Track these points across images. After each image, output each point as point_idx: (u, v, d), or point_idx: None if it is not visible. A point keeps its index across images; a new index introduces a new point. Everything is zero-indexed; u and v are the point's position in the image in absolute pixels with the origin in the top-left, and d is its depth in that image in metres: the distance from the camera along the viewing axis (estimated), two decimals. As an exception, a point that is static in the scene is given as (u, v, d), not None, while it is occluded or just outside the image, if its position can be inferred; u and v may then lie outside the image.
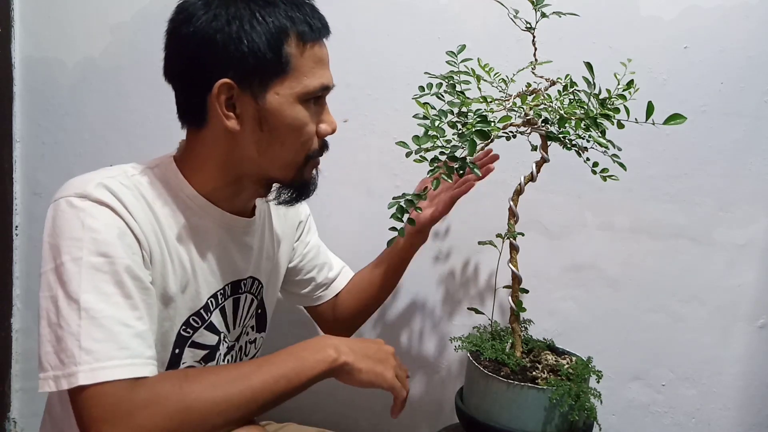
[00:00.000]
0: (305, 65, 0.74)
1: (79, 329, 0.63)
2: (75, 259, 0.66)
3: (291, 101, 0.74)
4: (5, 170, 1.29)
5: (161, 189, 0.77)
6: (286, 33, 0.72)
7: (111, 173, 0.74)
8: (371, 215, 1.21)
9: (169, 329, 0.78)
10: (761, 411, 1.16)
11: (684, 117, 0.75)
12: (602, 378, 0.88)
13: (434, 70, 0.90)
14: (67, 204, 0.69)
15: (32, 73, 1.28)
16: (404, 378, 0.85)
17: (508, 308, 0.93)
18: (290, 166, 0.79)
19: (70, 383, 0.63)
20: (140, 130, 1.25)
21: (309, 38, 0.74)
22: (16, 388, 1.35)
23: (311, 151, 0.79)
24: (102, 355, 0.63)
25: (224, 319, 0.86)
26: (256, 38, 0.71)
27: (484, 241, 1.03)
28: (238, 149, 0.77)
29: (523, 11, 0.87)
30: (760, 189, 1.10)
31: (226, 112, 0.73)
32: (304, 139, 0.77)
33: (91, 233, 0.67)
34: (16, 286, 1.33)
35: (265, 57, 0.71)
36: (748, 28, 1.07)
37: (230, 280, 0.86)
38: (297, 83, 0.74)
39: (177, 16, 0.74)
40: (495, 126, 0.76)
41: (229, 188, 0.81)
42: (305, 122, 0.76)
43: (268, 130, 0.75)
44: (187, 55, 0.74)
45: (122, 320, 0.66)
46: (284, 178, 0.80)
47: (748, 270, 1.12)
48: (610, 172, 0.87)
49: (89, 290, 0.65)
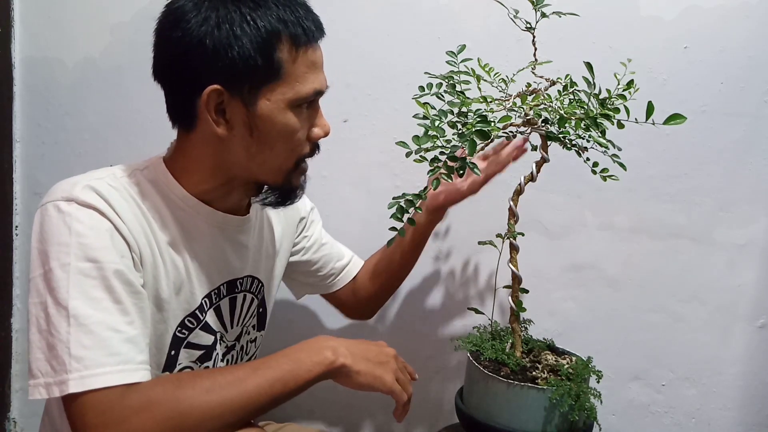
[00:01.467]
0: (297, 70, 0.72)
1: (69, 336, 0.63)
2: (63, 264, 0.65)
3: (282, 107, 0.73)
4: (5, 170, 1.28)
5: (151, 190, 0.76)
6: (278, 37, 0.70)
7: (98, 175, 0.73)
8: (371, 215, 1.21)
9: (164, 332, 0.77)
10: (761, 411, 1.16)
11: (684, 117, 0.75)
12: (602, 378, 0.87)
13: (434, 70, 0.90)
14: (54, 208, 0.68)
15: (32, 73, 1.28)
16: (406, 381, 0.84)
17: (508, 308, 0.93)
18: (279, 171, 0.78)
19: (61, 391, 0.62)
20: (140, 130, 1.25)
21: (302, 42, 0.72)
22: (16, 388, 1.35)
23: (301, 156, 0.79)
24: (92, 362, 0.63)
25: (220, 319, 0.86)
26: (246, 43, 0.68)
27: (484, 241, 1.03)
28: (227, 153, 0.76)
29: (523, 11, 0.87)
30: (760, 189, 1.10)
31: (215, 117, 0.72)
32: (294, 144, 0.76)
33: (78, 238, 0.66)
34: (16, 286, 1.33)
35: (256, 63, 0.69)
36: (748, 28, 1.07)
37: (225, 280, 0.85)
38: (289, 89, 0.72)
39: (166, 18, 0.73)
40: (495, 126, 0.76)
41: (220, 189, 0.80)
42: (296, 128, 0.75)
43: (258, 135, 0.74)
44: (177, 59, 0.71)
45: (112, 326, 0.65)
46: (273, 182, 0.80)
47: (748, 270, 1.12)
48: (610, 172, 0.87)
49: (77, 296, 0.64)
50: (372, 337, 1.25)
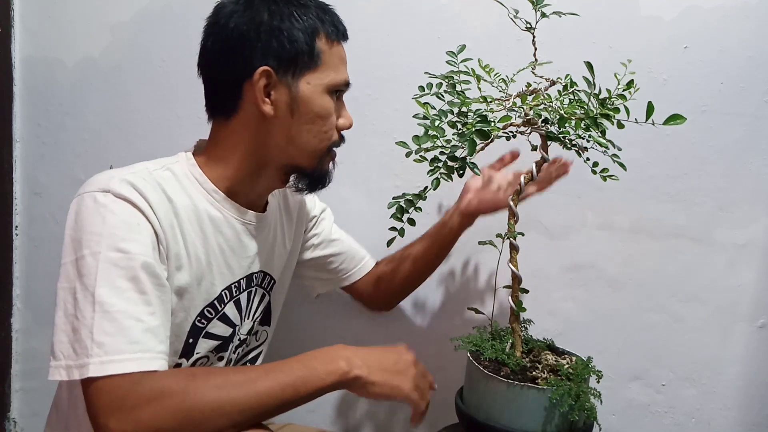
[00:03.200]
0: (332, 61, 0.82)
1: (93, 322, 0.65)
2: (94, 253, 0.68)
3: (320, 91, 0.81)
4: (5, 170, 1.29)
5: (182, 183, 0.80)
6: (317, 31, 0.80)
7: (133, 170, 0.76)
8: (371, 215, 1.21)
9: (184, 320, 0.80)
10: (761, 411, 1.16)
11: (684, 117, 0.75)
12: (602, 378, 0.88)
13: (434, 70, 0.90)
14: (90, 199, 0.71)
15: (32, 73, 1.28)
16: (425, 388, 0.84)
17: (508, 308, 0.93)
18: (314, 153, 0.84)
19: (81, 374, 0.65)
20: (140, 130, 1.25)
21: (334, 38, 0.83)
22: (16, 388, 1.35)
23: (332, 141, 0.85)
24: (112, 348, 0.65)
25: (239, 312, 0.89)
26: (294, 32, 0.78)
27: (484, 241, 1.03)
28: (267, 136, 0.82)
29: (523, 11, 0.87)
30: (760, 189, 1.10)
31: (263, 97, 0.79)
32: (328, 127, 0.83)
33: (110, 229, 0.69)
34: (16, 286, 1.33)
35: (302, 49, 0.79)
36: (748, 28, 1.07)
37: (245, 274, 0.89)
38: (326, 75, 0.81)
39: (217, 14, 0.81)
40: (495, 126, 0.76)
41: (248, 180, 0.84)
42: (331, 111, 0.83)
43: (298, 116, 0.81)
44: (229, 46, 0.79)
45: (134, 315, 0.67)
46: (308, 166, 0.85)
47: (748, 270, 1.12)
48: (610, 172, 0.87)
49: (104, 284, 0.67)
50: (372, 337, 1.26)
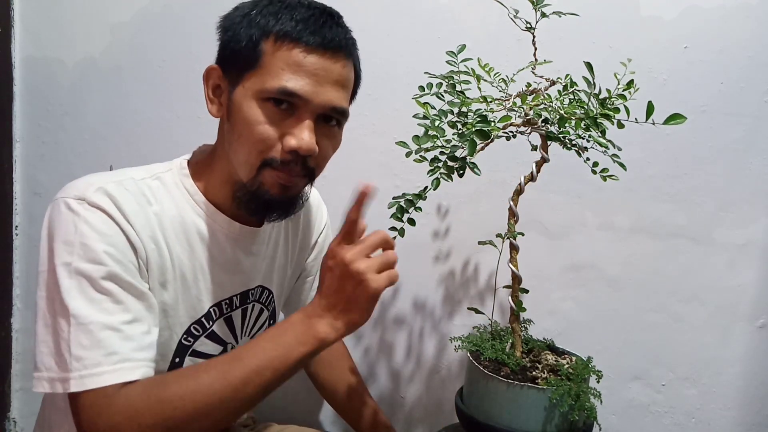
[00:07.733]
0: (274, 65, 0.71)
1: (69, 336, 0.64)
2: (65, 264, 0.66)
3: (249, 96, 0.72)
4: (5, 170, 1.28)
5: (171, 194, 0.77)
6: (268, 32, 0.72)
7: (116, 177, 0.73)
8: (371, 215, 1.21)
9: (169, 338, 0.77)
10: (761, 411, 1.16)
11: (684, 117, 0.75)
12: (602, 378, 0.87)
13: (434, 70, 0.90)
14: (64, 205, 0.68)
15: (32, 73, 1.28)
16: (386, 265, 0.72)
17: (508, 308, 0.93)
18: (246, 164, 0.74)
19: (64, 388, 0.64)
20: (140, 130, 1.25)
21: (288, 40, 0.71)
22: (16, 388, 1.35)
23: (268, 156, 0.73)
24: (90, 362, 0.64)
25: (231, 330, 0.85)
26: (241, 30, 0.73)
27: (484, 241, 1.03)
28: (223, 142, 0.78)
29: (523, 11, 0.87)
30: (760, 189, 1.10)
31: (210, 96, 0.77)
32: (256, 138, 0.72)
33: (82, 238, 0.66)
34: (16, 286, 1.33)
35: (239, 48, 0.73)
36: (748, 28, 1.07)
37: (238, 291, 0.85)
38: (259, 80, 0.72)
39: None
40: (495, 126, 0.76)
41: (230, 192, 0.78)
42: (257, 121, 0.72)
43: (232, 121, 0.74)
44: None
45: (110, 325, 0.66)
46: (244, 178, 0.75)
47: (748, 270, 1.13)
48: (610, 172, 0.87)
49: (78, 296, 0.65)
50: (372, 337, 1.26)
